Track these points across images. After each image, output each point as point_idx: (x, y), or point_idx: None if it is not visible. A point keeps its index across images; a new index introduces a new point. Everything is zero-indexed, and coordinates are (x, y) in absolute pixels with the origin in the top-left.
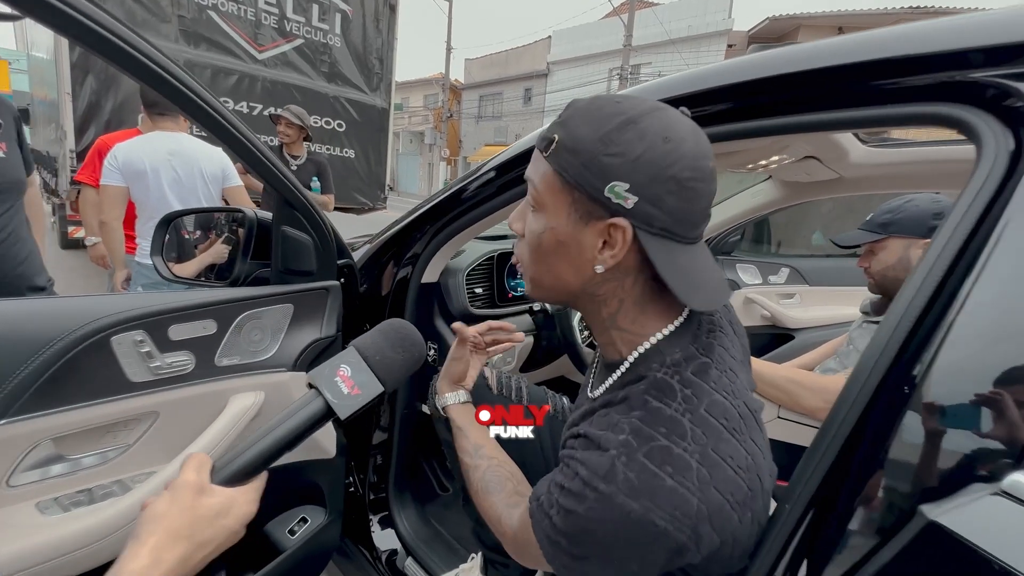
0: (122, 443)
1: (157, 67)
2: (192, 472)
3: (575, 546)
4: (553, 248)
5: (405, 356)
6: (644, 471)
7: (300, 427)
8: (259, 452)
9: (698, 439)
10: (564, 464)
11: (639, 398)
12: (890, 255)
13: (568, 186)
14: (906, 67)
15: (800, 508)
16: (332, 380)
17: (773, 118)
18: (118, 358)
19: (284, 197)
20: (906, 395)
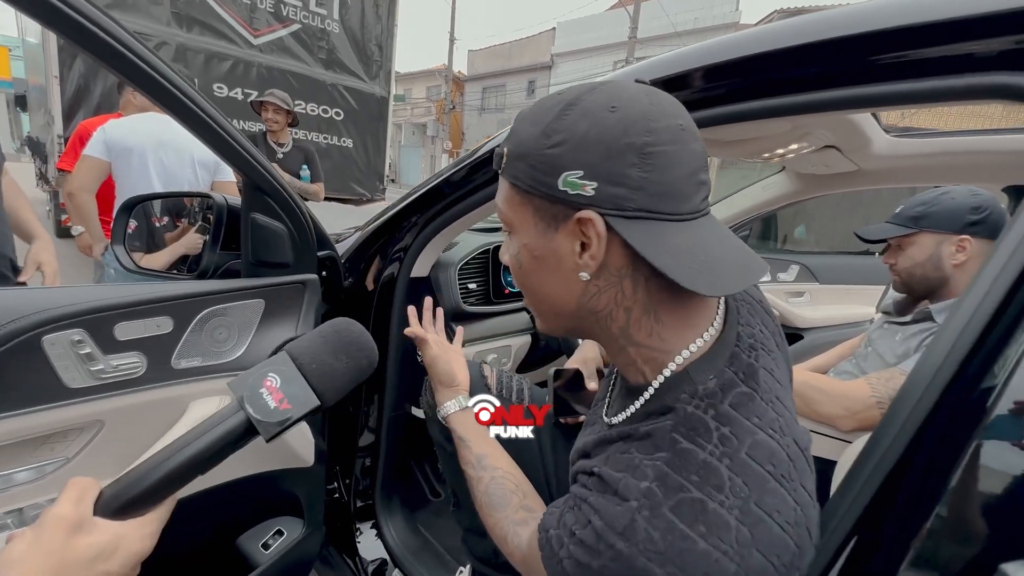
0: (60, 456)
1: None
2: (69, 503)
3: None
4: (533, 267)
5: (349, 364)
6: (671, 530)
7: (214, 446)
8: (161, 475)
9: (738, 491)
10: (576, 505)
11: (666, 437)
12: (920, 251)
13: (526, 195)
14: (964, 30)
15: (839, 539)
16: (257, 391)
17: (808, 93)
18: (51, 360)
19: (252, 180)
20: (973, 418)
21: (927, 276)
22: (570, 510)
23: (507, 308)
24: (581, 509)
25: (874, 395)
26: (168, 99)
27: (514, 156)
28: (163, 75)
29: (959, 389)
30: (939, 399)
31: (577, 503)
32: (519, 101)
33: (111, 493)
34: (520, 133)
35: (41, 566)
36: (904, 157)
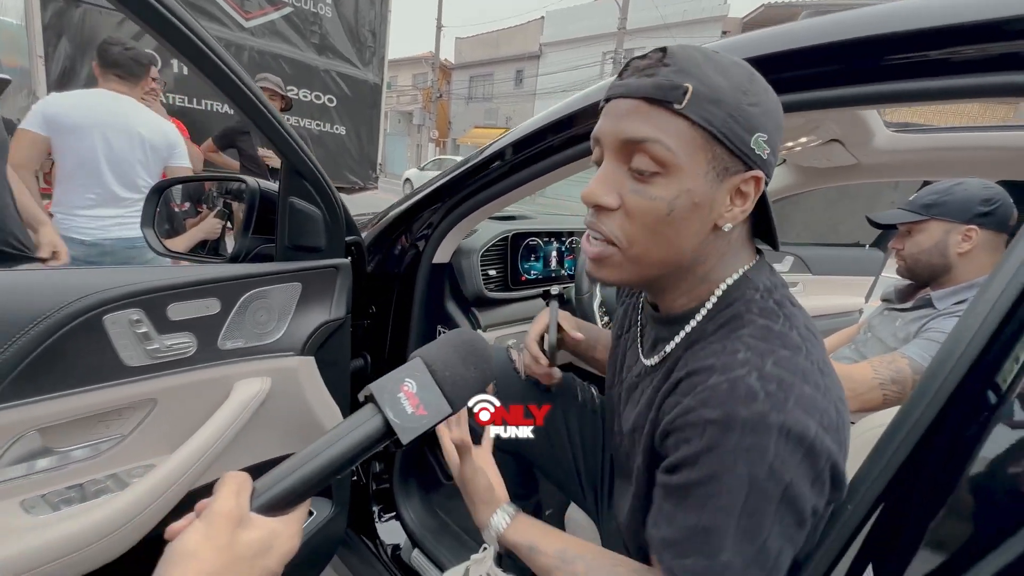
0: (116, 433)
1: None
2: (231, 498)
3: (752, 518)
4: (685, 214)
5: (477, 375)
6: (782, 382)
7: (355, 448)
8: (306, 475)
9: (811, 351)
10: (677, 432)
11: (741, 318)
12: (928, 238)
13: (712, 141)
14: (985, 32)
15: (865, 508)
16: (395, 396)
17: (847, 87)
18: (111, 339)
19: (294, 165)
20: (997, 392)
21: (931, 263)
22: (669, 474)
23: (524, 295)
24: (689, 421)
25: (876, 377)
26: (227, 84)
27: (706, 99)
28: (222, 59)
29: (982, 369)
30: (963, 378)
31: (678, 428)
32: (507, 91)
33: (263, 488)
34: (708, 77)
35: (214, 560)
36: (903, 152)
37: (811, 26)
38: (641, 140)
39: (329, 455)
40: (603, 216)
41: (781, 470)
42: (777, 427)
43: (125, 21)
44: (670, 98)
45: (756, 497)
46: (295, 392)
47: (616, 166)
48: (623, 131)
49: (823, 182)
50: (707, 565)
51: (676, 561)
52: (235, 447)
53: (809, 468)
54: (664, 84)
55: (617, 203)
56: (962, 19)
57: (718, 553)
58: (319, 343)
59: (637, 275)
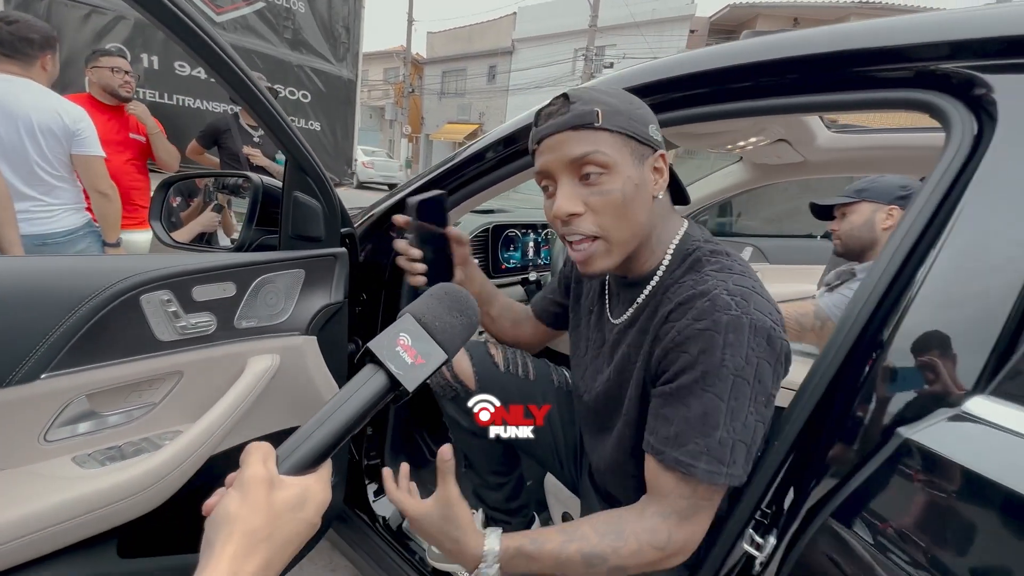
0: (147, 402)
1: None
2: (259, 464)
3: (737, 400)
4: (633, 195)
5: (463, 320)
6: (743, 294)
7: (366, 405)
8: (326, 436)
9: (751, 275)
10: (677, 348)
11: (701, 260)
12: (859, 217)
13: (627, 139)
14: (888, 56)
15: (788, 440)
16: (393, 351)
17: (766, 99)
18: (147, 317)
19: (297, 162)
20: (883, 342)
21: (862, 237)
22: (668, 387)
23: (506, 281)
24: (679, 343)
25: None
26: (241, 87)
27: (611, 114)
28: (235, 62)
29: (872, 325)
30: (860, 333)
31: (675, 349)
32: (480, 86)
33: (285, 454)
34: (604, 101)
35: (254, 518)
36: (842, 150)
37: (710, 53)
38: (583, 155)
39: (343, 413)
40: (576, 222)
41: (754, 357)
42: (748, 325)
43: (92, 15)
44: (589, 120)
45: (739, 382)
46: (300, 368)
47: (571, 182)
48: (569, 154)
49: (776, 178)
50: (706, 443)
51: (679, 450)
52: (249, 417)
53: (771, 354)
54: (580, 113)
55: (583, 208)
56: (851, 46)
57: (713, 432)
58: (321, 324)
59: (620, 255)
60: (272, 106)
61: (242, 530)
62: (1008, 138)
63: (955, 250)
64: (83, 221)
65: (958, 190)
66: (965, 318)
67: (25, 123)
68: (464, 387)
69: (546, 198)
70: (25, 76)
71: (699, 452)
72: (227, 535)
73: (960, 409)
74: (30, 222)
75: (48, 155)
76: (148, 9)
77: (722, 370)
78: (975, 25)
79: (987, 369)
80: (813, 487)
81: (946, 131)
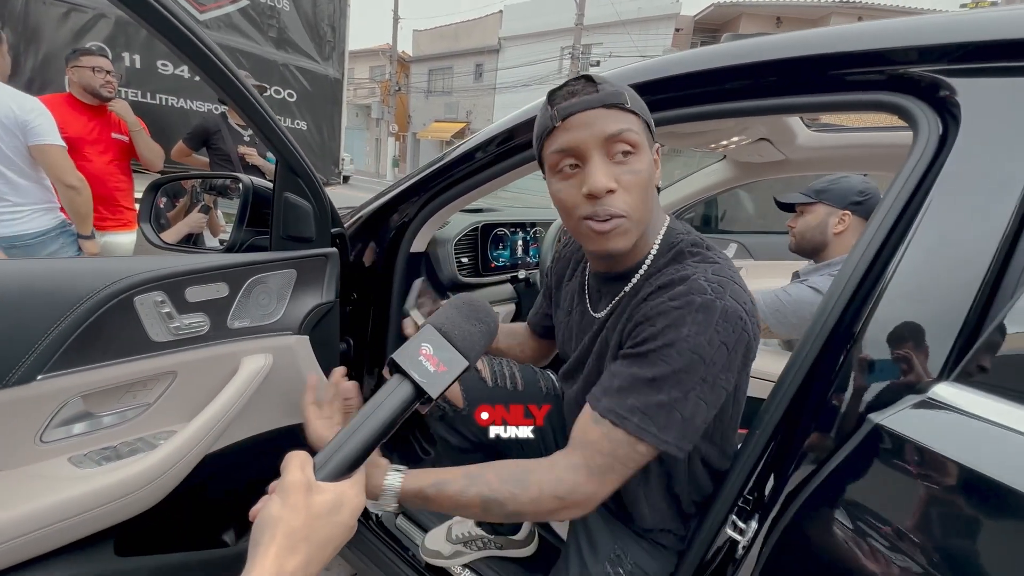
0: (142, 402)
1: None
2: (298, 471)
3: (687, 373)
4: (650, 178)
5: (482, 327)
6: (721, 281)
7: (394, 413)
8: (358, 444)
9: (730, 267)
10: (646, 322)
11: (683, 253)
12: (814, 218)
13: (644, 125)
14: (858, 60)
15: (768, 430)
16: (416, 360)
17: (745, 101)
18: (141, 318)
19: (288, 163)
20: (854, 334)
21: (814, 239)
22: (641, 346)
23: (495, 279)
24: (652, 321)
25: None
26: (231, 89)
27: (633, 99)
28: (219, 58)
29: (845, 318)
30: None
31: (648, 323)
32: (467, 84)
33: (321, 461)
34: (627, 89)
35: (295, 520)
36: (821, 148)
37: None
38: (619, 132)
39: (374, 422)
40: (610, 198)
41: (717, 340)
42: (720, 309)
43: (71, 13)
44: (620, 101)
45: (694, 359)
46: (293, 367)
47: (602, 159)
48: (603, 129)
49: (758, 175)
50: (645, 402)
51: (617, 403)
52: (243, 417)
53: (735, 340)
54: (611, 93)
55: (615, 185)
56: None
57: (655, 395)
58: (313, 324)
59: (636, 236)
60: (261, 106)
61: (284, 531)
62: (970, 140)
63: (922, 248)
64: (55, 222)
65: (924, 188)
66: (928, 314)
67: None
68: (452, 406)
69: (561, 179)
70: None
71: (635, 408)
72: (271, 536)
73: (926, 395)
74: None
75: (4, 150)
76: (131, 7)
77: (682, 344)
78: (941, 30)
79: (951, 357)
80: (792, 473)
81: (913, 132)
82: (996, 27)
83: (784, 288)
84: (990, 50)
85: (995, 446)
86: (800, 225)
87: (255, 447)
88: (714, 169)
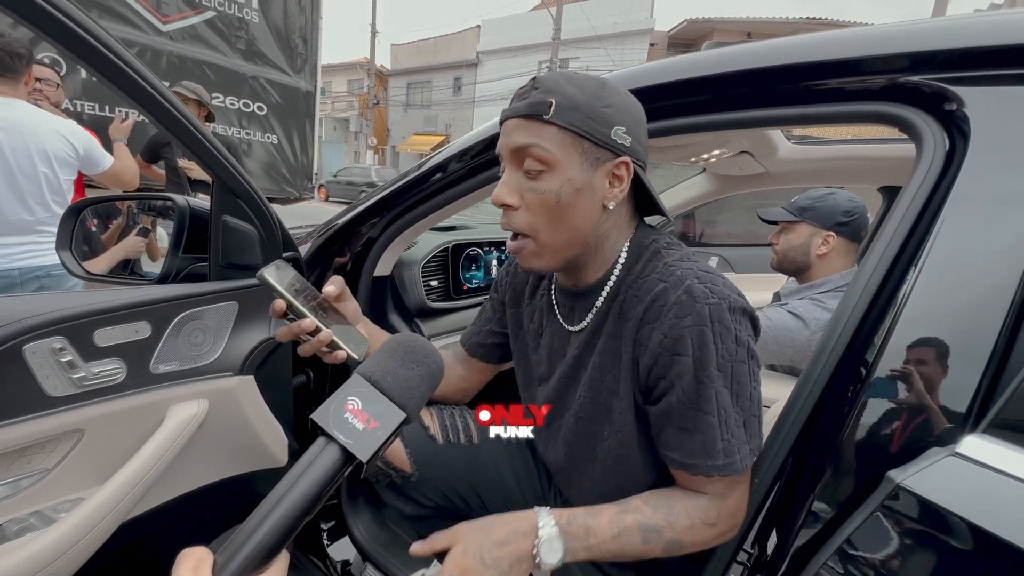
0: (39, 468)
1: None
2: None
3: (740, 381)
4: (572, 199)
5: (421, 371)
6: (711, 279)
7: (318, 484)
8: (272, 530)
9: (703, 262)
10: (666, 352)
11: (659, 253)
12: (797, 237)
13: (578, 139)
14: (857, 67)
15: (769, 477)
16: (341, 418)
17: (732, 112)
18: (32, 369)
19: (226, 184)
20: (863, 374)
21: (796, 259)
22: (679, 392)
23: (467, 303)
24: (662, 338)
25: None
26: (143, 97)
27: (567, 108)
28: (138, 72)
29: (853, 351)
30: (841, 357)
31: (662, 349)
32: (446, 98)
33: (224, 559)
34: (566, 92)
35: None
36: (802, 161)
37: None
38: (525, 146)
39: (292, 500)
40: (511, 214)
41: (741, 335)
42: (727, 308)
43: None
44: (539, 111)
45: (737, 366)
46: (235, 413)
47: (513, 172)
48: (513, 142)
49: (739, 188)
50: (730, 435)
51: (712, 459)
52: (172, 473)
53: (751, 327)
54: (534, 102)
55: (518, 202)
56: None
57: (730, 422)
58: (258, 361)
59: (555, 258)
60: (182, 114)
61: None
62: (983, 156)
63: (935, 272)
64: None
65: (934, 207)
66: (950, 347)
67: (35, 147)
68: (399, 471)
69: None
70: (14, 95)
71: (729, 449)
72: None
73: (953, 449)
74: (34, 255)
75: (61, 186)
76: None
77: (720, 361)
78: (945, 36)
79: (977, 401)
80: (799, 530)
81: (917, 146)
82: (1006, 31)
83: (764, 312)
84: (1000, 56)
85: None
86: (782, 244)
87: (193, 502)
88: (694, 182)
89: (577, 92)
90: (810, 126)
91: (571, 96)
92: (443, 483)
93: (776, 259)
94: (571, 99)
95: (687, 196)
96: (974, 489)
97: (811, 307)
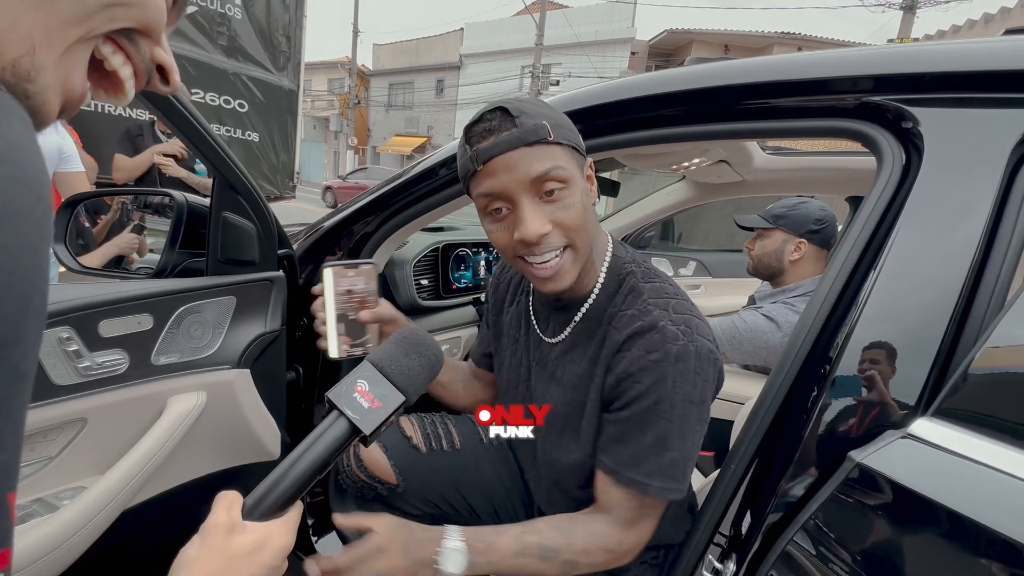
0: (42, 456)
1: None
2: (222, 512)
3: (685, 421)
4: (587, 204)
5: (422, 361)
6: (685, 321)
7: (329, 450)
8: (290, 483)
9: (681, 293)
10: (630, 378)
11: (638, 285)
12: (772, 243)
13: (574, 153)
14: (824, 87)
15: (743, 465)
16: (351, 396)
17: (711, 124)
18: (39, 358)
19: (227, 180)
20: (827, 369)
21: (770, 265)
22: (635, 413)
23: (456, 302)
24: (630, 375)
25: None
26: (158, 100)
27: (556, 126)
28: None
29: (818, 348)
30: (805, 359)
31: (631, 380)
32: (428, 99)
33: (252, 502)
34: (544, 113)
35: (212, 561)
36: (776, 171)
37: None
38: (545, 172)
39: (306, 461)
40: (545, 240)
41: (699, 380)
42: (694, 353)
43: None
44: (543, 134)
45: (687, 406)
46: (231, 405)
47: (531, 201)
48: (531, 172)
49: (717, 195)
50: (659, 464)
51: (635, 471)
52: (172, 463)
53: (712, 374)
54: (533, 128)
55: (550, 227)
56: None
57: (666, 454)
58: (255, 355)
59: (581, 265)
60: (190, 114)
61: (199, 572)
62: (934, 170)
63: (892, 275)
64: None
65: (891, 217)
66: (902, 343)
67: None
68: (385, 484)
69: (492, 222)
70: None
71: (653, 472)
72: (187, 574)
73: (906, 431)
74: None
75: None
76: None
77: (674, 397)
78: (905, 60)
79: (927, 388)
80: (768, 511)
81: (877, 160)
82: (958, 59)
83: (740, 315)
84: (952, 80)
85: (977, 485)
86: (758, 249)
87: (187, 495)
88: (674, 189)
89: (548, 111)
90: (783, 139)
91: (549, 115)
92: (429, 491)
93: (752, 264)
94: (551, 118)
95: (667, 202)
96: (924, 465)
97: (784, 311)
